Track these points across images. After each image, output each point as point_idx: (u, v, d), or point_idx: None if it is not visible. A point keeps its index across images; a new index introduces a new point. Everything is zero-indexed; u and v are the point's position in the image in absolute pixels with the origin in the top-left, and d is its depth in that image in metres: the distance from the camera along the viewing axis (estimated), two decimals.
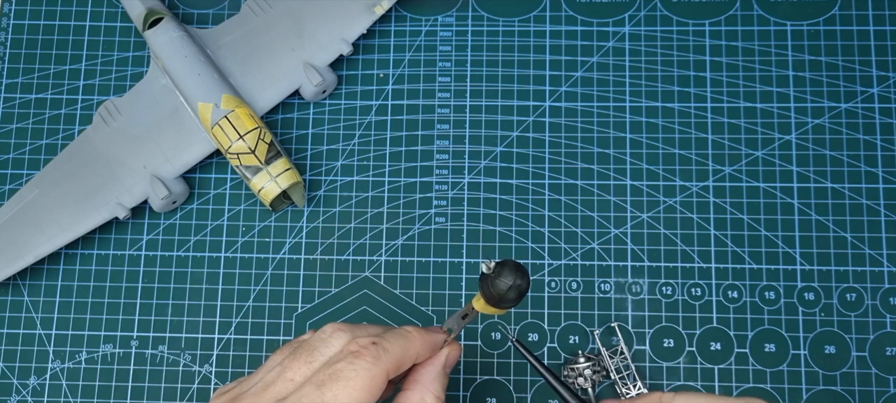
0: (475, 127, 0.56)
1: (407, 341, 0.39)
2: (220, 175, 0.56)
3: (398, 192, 0.55)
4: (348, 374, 0.36)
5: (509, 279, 0.37)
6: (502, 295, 0.37)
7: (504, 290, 0.37)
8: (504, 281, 0.37)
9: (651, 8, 0.57)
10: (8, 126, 0.57)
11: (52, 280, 0.55)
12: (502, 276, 0.37)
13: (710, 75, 0.56)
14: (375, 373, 0.36)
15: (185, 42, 0.55)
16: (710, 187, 0.54)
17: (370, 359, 0.37)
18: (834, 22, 0.56)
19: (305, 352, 0.38)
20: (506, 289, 0.37)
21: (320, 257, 0.54)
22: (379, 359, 0.37)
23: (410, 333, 0.39)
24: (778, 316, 0.52)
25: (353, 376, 0.36)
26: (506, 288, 0.37)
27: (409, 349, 0.38)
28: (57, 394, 0.53)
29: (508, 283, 0.37)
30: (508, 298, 0.37)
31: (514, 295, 0.37)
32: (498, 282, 0.37)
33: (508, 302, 0.38)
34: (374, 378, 0.36)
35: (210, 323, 0.53)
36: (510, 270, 0.37)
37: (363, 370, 0.36)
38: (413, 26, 0.58)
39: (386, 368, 0.37)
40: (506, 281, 0.37)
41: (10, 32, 0.59)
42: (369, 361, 0.36)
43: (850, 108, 0.55)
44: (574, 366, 0.50)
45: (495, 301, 0.38)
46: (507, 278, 0.37)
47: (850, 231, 0.53)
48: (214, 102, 0.53)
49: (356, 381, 0.36)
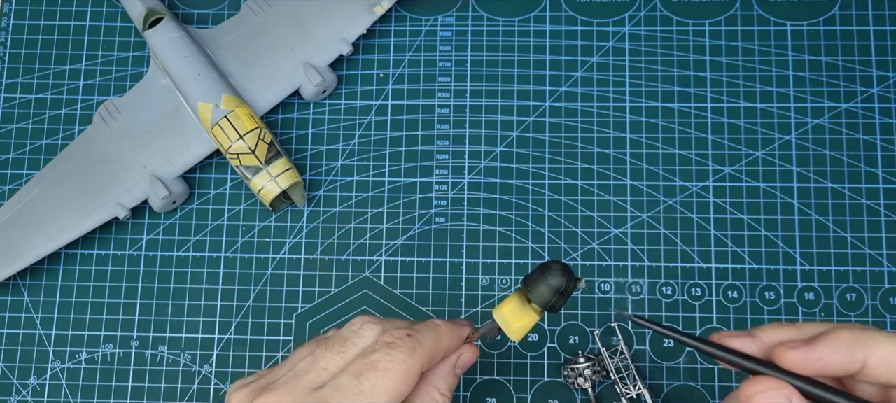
0: (475, 127, 0.56)
1: (438, 334, 0.39)
2: (220, 175, 0.56)
3: (398, 192, 0.55)
4: (386, 365, 0.36)
5: (555, 279, 0.38)
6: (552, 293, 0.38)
7: (553, 289, 0.38)
8: (554, 280, 0.38)
9: (651, 8, 0.57)
10: (8, 126, 0.57)
11: (52, 280, 0.55)
12: (550, 276, 0.38)
13: (710, 75, 0.56)
14: (411, 365, 0.37)
15: (185, 42, 0.55)
16: (710, 187, 0.54)
17: (406, 351, 0.37)
18: (834, 22, 0.56)
19: (337, 343, 0.38)
20: (552, 291, 0.38)
21: (320, 257, 0.54)
22: (414, 351, 0.37)
23: (440, 326, 0.39)
24: (778, 316, 0.52)
25: (390, 367, 0.36)
26: (552, 290, 0.38)
27: (440, 342, 0.39)
28: (57, 394, 0.53)
29: (554, 284, 0.38)
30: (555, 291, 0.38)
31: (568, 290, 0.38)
32: (548, 281, 0.38)
33: (554, 298, 0.38)
34: (410, 369, 0.36)
35: (210, 323, 0.53)
36: (562, 268, 0.38)
37: (400, 361, 0.36)
38: (413, 26, 0.58)
39: (420, 360, 0.37)
40: (553, 281, 0.38)
41: (10, 32, 0.59)
42: (405, 353, 0.37)
43: (850, 108, 0.55)
44: (574, 366, 0.50)
45: (548, 301, 0.38)
46: (554, 278, 0.38)
47: (850, 231, 0.53)
48: (214, 102, 0.53)
49: (393, 372, 0.36)
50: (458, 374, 0.40)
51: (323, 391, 0.36)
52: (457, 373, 0.40)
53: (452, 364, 0.39)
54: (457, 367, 0.40)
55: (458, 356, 0.40)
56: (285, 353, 0.53)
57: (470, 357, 0.40)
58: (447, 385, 0.39)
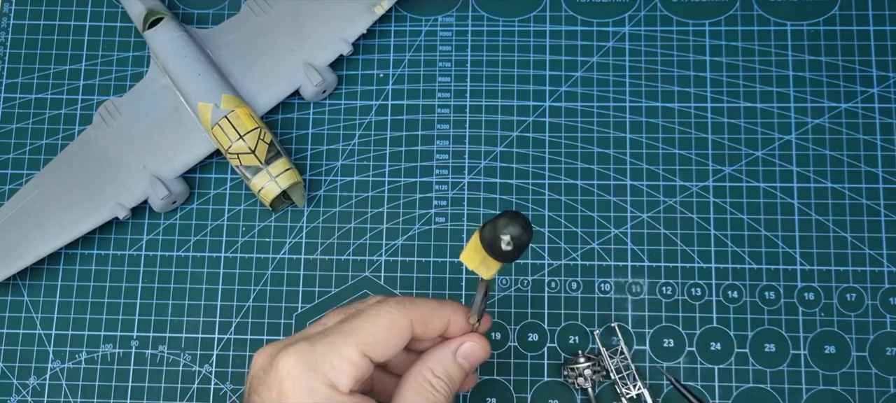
0: (475, 127, 0.56)
1: (439, 303, 0.39)
2: (220, 175, 0.56)
3: (398, 192, 0.55)
4: (370, 312, 0.38)
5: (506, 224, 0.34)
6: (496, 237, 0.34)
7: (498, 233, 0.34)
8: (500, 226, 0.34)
9: (651, 8, 0.57)
10: (8, 126, 0.57)
11: (52, 280, 0.55)
12: (499, 222, 0.35)
13: (710, 75, 0.56)
14: (397, 317, 0.37)
15: (185, 42, 0.55)
16: (710, 187, 0.54)
17: (394, 304, 0.38)
18: (834, 22, 0.56)
19: (345, 307, 0.40)
20: (500, 232, 0.34)
21: (320, 257, 0.54)
22: (402, 305, 0.38)
23: (447, 301, 0.40)
24: (778, 316, 0.52)
25: (373, 314, 0.37)
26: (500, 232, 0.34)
27: (438, 309, 0.39)
28: (57, 394, 0.53)
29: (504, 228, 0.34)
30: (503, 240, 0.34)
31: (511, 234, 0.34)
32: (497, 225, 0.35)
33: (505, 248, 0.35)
34: (396, 320, 0.37)
35: (210, 323, 0.53)
36: (507, 216, 0.35)
37: (385, 312, 0.38)
38: (413, 26, 0.58)
39: (409, 315, 0.38)
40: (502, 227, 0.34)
41: (10, 32, 0.59)
42: (393, 305, 0.38)
43: (850, 108, 0.55)
44: (574, 366, 0.50)
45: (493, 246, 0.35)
46: (504, 224, 0.34)
47: (850, 231, 0.53)
48: (214, 102, 0.53)
49: (376, 318, 0.37)
50: (461, 364, 0.40)
51: (313, 336, 0.37)
52: (459, 363, 0.39)
53: (453, 350, 0.39)
54: (458, 355, 0.39)
55: (459, 342, 0.40)
56: None
57: (474, 348, 0.40)
58: (444, 370, 0.39)
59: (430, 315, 0.39)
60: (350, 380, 0.36)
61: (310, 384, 0.36)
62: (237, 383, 0.52)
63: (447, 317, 0.39)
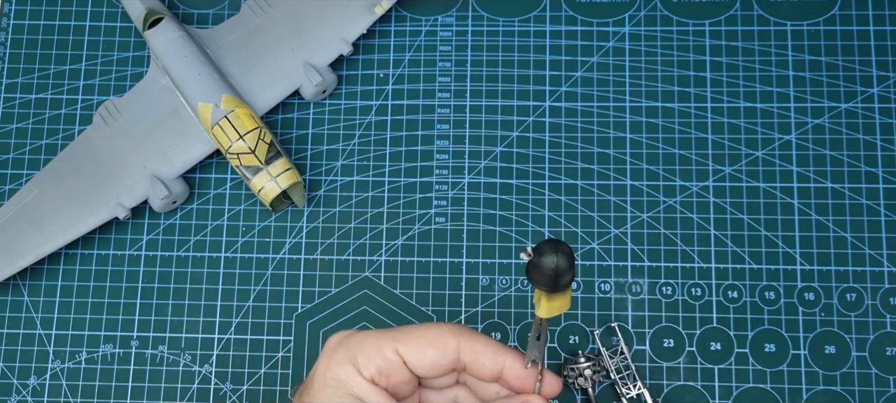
0: (475, 127, 0.56)
1: (498, 344, 0.39)
2: (220, 175, 0.56)
3: (398, 192, 0.55)
4: (423, 324, 0.39)
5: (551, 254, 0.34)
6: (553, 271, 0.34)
7: (552, 266, 0.34)
8: (549, 259, 0.34)
9: (651, 8, 0.57)
10: (8, 126, 0.57)
11: (52, 280, 0.55)
12: (544, 255, 0.34)
13: (710, 75, 0.56)
14: (444, 334, 0.38)
15: (185, 42, 0.55)
16: (710, 187, 0.54)
17: (449, 325, 0.39)
18: (834, 22, 0.56)
19: None
20: (553, 265, 0.34)
21: (320, 257, 0.54)
22: (457, 328, 0.39)
23: (508, 347, 0.39)
24: (778, 316, 0.52)
25: (425, 325, 0.39)
26: (553, 264, 0.33)
27: (493, 347, 0.38)
28: (57, 394, 0.53)
29: (552, 259, 0.34)
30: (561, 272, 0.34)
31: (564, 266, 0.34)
32: (543, 261, 0.34)
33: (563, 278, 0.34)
34: (441, 335, 0.38)
35: (210, 323, 0.53)
36: (548, 245, 0.34)
37: (436, 326, 0.39)
38: (413, 26, 0.58)
39: (458, 338, 0.38)
40: (550, 258, 0.34)
41: (10, 32, 0.59)
42: (447, 325, 0.39)
43: (850, 108, 0.55)
44: (574, 366, 0.50)
45: (550, 282, 0.34)
46: (549, 255, 0.34)
47: (850, 231, 0.53)
48: (214, 102, 0.53)
49: (425, 328, 0.39)
50: None
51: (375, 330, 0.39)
52: None
53: None
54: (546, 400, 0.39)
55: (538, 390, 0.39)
56: (285, 353, 0.53)
57: (553, 386, 0.39)
58: None
59: (483, 349, 0.38)
60: (373, 367, 0.37)
61: (337, 355, 0.38)
62: (237, 383, 0.53)
63: (501, 360, 0.38)
